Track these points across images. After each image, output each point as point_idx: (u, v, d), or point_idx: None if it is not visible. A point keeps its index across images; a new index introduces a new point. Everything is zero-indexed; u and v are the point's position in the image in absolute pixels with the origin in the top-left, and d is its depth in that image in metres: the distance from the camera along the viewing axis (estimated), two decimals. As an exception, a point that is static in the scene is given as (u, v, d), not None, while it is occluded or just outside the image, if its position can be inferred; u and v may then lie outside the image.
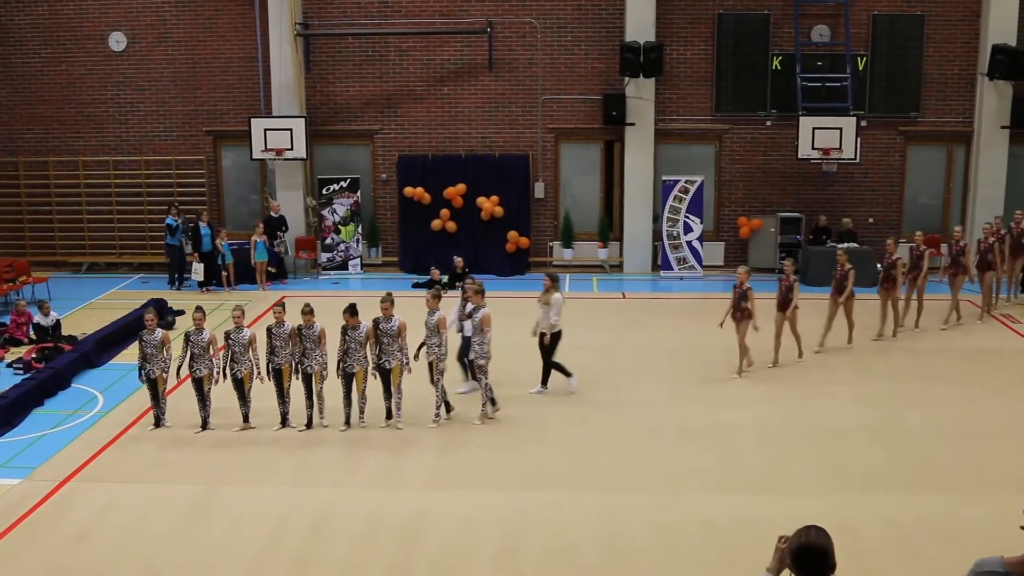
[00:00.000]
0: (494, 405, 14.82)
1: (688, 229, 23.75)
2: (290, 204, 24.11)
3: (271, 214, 23.65)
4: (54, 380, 16.26)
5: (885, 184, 24.27)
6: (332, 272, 24.38)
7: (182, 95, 24.60)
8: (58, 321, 19.05)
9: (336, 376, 14.42)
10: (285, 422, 14.46)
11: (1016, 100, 23.20)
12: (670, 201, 23.66)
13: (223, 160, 25.08)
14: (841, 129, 22.57)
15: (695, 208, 23.66)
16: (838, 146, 22.59)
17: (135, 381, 14.85)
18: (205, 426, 14.39)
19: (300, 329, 14.29)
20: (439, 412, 14.50)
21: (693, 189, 23.63)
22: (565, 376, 15.81)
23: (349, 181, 24.32)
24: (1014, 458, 13.32)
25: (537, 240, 24.66)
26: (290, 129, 23.23)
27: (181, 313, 19.85)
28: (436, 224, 24.17)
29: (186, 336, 14.42)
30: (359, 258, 24.53)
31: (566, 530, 11.35)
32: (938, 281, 20.21)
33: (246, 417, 14.46)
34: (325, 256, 24.52)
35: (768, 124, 24.02)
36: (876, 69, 23.73)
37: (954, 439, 14.03)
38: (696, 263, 23.83)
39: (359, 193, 24.37)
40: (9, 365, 17.42)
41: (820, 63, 23.64)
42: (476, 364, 14.47)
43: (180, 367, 14.51)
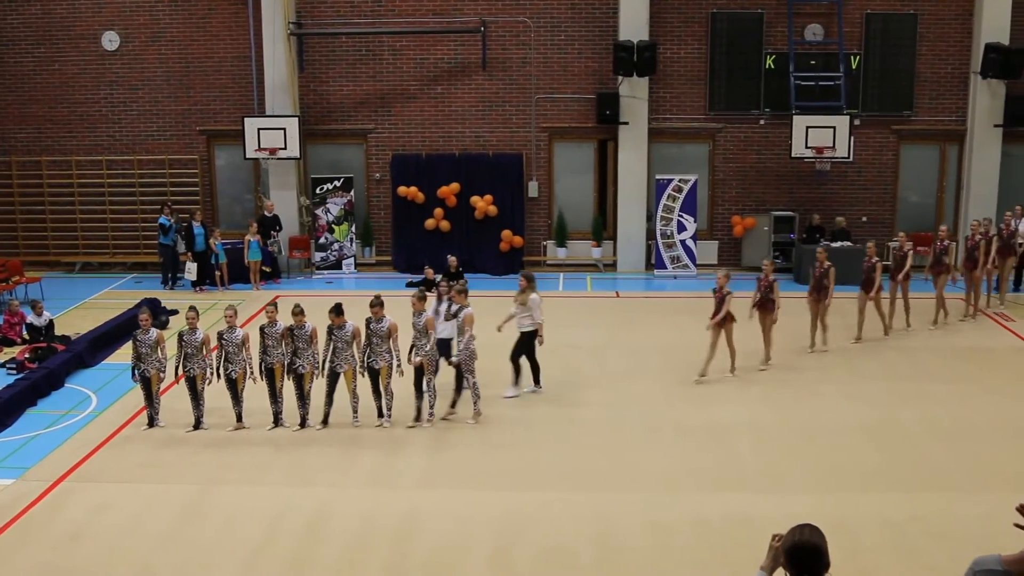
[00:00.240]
0: (452, 407, 14.74)
1: (682, 228, 23.76)
2: (284, 203, 24.07)
3: (265, 213, 23.62)
4: (47, 380, 16.23)
5: (878, 183, 24.31)
6: (326, 272, 24.36)
7: (175, 94, 24.55)
8: (51, 321, 19.00)
9: (322, 376, 14.44)
10: (278, 422, 14.45)
11: (1009, 99, 23.24)
12: (664, 200, 23.67)
13: (216, 159, 25.04)
14: (834, 128, 22.61)
15: (689, 207, 23.67)
16: (831, 145, 22.63)
17: (128, 381, 14.82)
18: (198, 426, 14.38)
19: (292, 329, 14.28)
20: (432, 411, 14.50)
21: (687, 188, 23.64)
22: (514, 379, 15.65)
23: (343, 180, 24.31)
24: (1008, 456, 13.34)
25: (531, 239, 24.66)
26: (283, 128, 23.20)
27: (175, 313, 19.81)
28: (430, 223, 24.16)
29: (180, 336, 14.40)
30: (353, 257, 24.52)
31: (560, 529, 11.36)
32: (924, 279, 20.10)
33: (239, 417, 14.45)
34: (319, 255, 24.50)
35: (761, 123, 24.05)
36: (869, 68, 23.76)
37: (949, 438, 14.05)
38: (690, 262, 23.84)
39: (353, 192, 24.35)
40: (2, 365, 17.37)
41: (813, 62, 23.67)
42: (462, 364, 14.47)
43: (176, 367, 14.49)
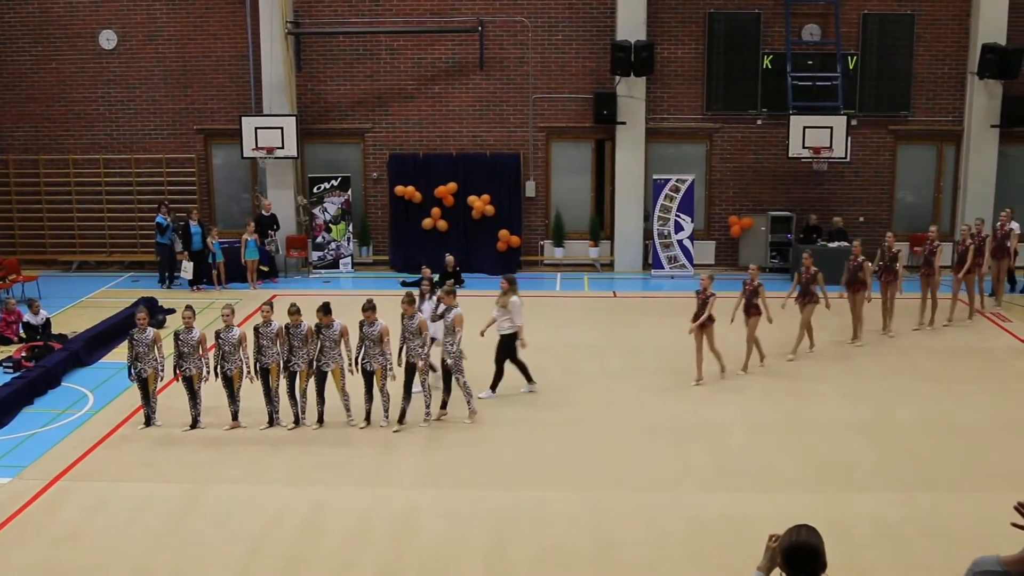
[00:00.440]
0: (443, 408, 14.75)
1: (679, 228, 23.77)
2: (281, 203, 24.06)
3: (262, 212, 23.61)
4: (44, 379, 16.23)
5: (875, 183, 24.33)
6: (323, 271, 24.35)
7: (173, 93, 24.54)
8: (48, 320, 18.99)
9: (312, 376, 14.45)
10: (273, 421, 14.45)
11: (1006, 99, 23.25)
12: (661, 200, 23.68)
13: (214, 158, 25.02)
14: (831, 128, 22.61)
15: (686, 207, 23.68)
16: (828, 145, 22.63)
17: (125, 380, 14.81)
18: (195, 425, 14.39)
19: (287, 328, 14.29)
20: (429, 410, 14.51)
21: (684, 188, 23.65)
22: (492, 384, 15.62)
23: (340, 180, 24.30)
24: (1003, 456, 13.36)
25: (528, 239, 24.66)
26: (281, 127, 23.19)
27: (172, 311, 19.80)
28: (427, 223, 24.15)
29: (176, 335, 14.40)
30: (350, 257, 24.51)
31: (556, 528, 11.37)
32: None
33: (235, 416, 14.46)
34: (316, 255, 24.50)
35: (759, 123, 24.06)
36: (866, 68, 23.78)
37: (944, 437, 14.06)
38: (687, 262, 23.85)
39: (350, 192, 24.35)
40: (-1, 364, 17.39)
41: (811, 62, 23.68)
42: (452, 364, 14.47)
43: (175, 367, 14.47)
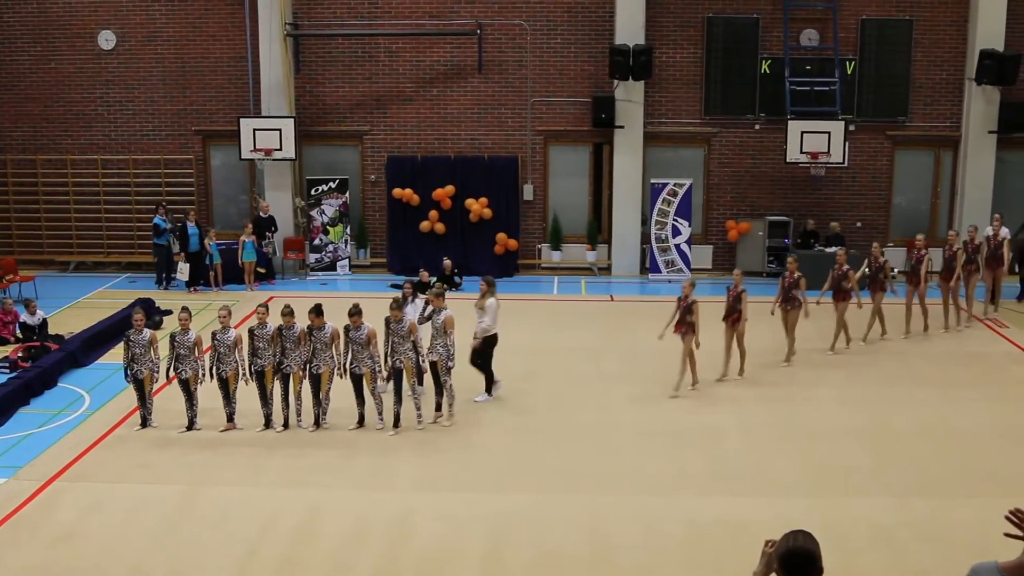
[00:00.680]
0: (438, 411, 14.74)
1: (676, 232, 23.78)
2: (279, 204, 24.07)
3: (260, 214, 23.61)
4: (40, 379, 16.21)
5: (873, 188, 24.35)
6: (320, 273, 24.34)
7: (171, 94, 24.53)
8: (45, 320, 18.97)
9: (305, 377, 14.45)
10: (269, 423, 14.45)
11: (1003, 105, 23.29)
12: (659, 204, 23.69)
13: (212, 160, 25.02)
14: (829, 133, 22.65)
15: (683, 211, 23.69)
16: (826, 150, 22.66)
17: (122, 381, 14.79)
18: (191, 426, 14.37)
19: (280, 330, 14.29)
20: (420, 413, 14.50)
21: (681, 192, 23.66)
22: (487, 387, 15.59)
23: (338, 182, 24.30)
24: (999, 461, 13.36)
25: (526, 242, 24.66)
26: (279, 129, 23.20)
27: (169, 313, 19.79)
28: (425, 225, 24.16)
29: (172, 337, 14.39)
30: (347, 259, 24.51)
31: (552, 531, 11.37)
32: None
33: (230, 417, 14.45)
34: (313, 257, 24.49)
35: (757, 128, 24.09)
36: (864, 73, 23.81)
37: (940, 442, 14.07)
38: (684, 266, 23.85)
39: (348, 194, 24.34)
40: (-5, 364, 17.37)
41: (809, 67, 23.71)
42: (442, 366, 14.46)
43: (168, 368, 14.46)
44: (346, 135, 24.61)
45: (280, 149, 23.23)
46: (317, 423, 14.44)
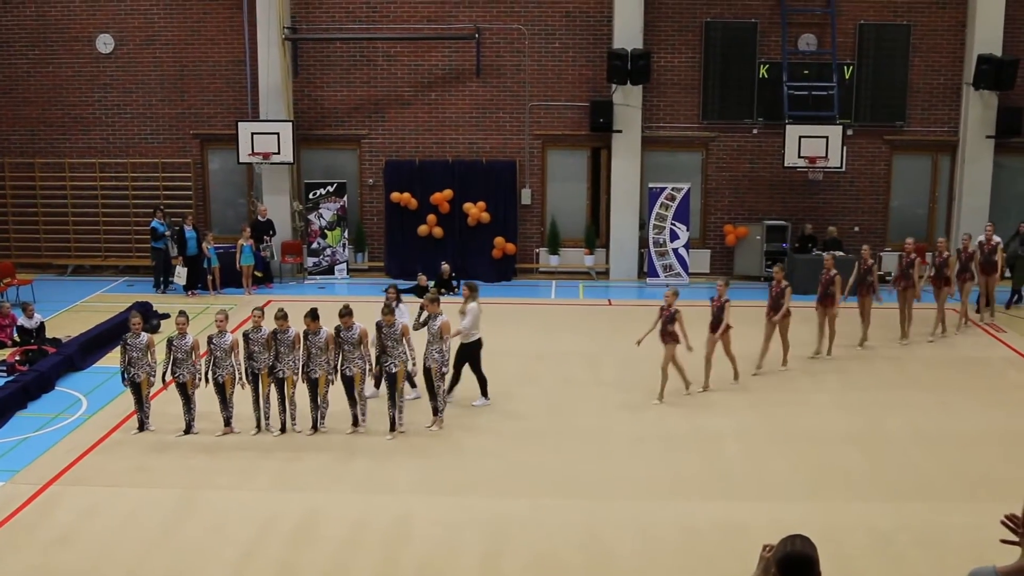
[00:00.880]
0: (436, 415, 14.72)
1: (674, 236, 23.79)
2: (277, 208, 24.07)
3: (258, 218, 23.61)
4: (38, 383, 16.19)
5: (871, 193, 24.37)
6: (318, 277, 24.33)
7: (169, 98, 24.53)
8: (42, 323, 18.94)
9: (302, 381, 14.44)
10: (260, 427, 14.44)
11: (1001, 110, 23.32)
12: (656, 208, 23.70)
13: (210, 163, 25.02)
14: (827, 138, 22.67)
15: (681, 215, 23.70)
16: (824, 155, 22.68)
17: (119, 385, 14.77)
18: (189, 430, 14.36)
19: (275, 333, 14.28)
20: (402, 419, 14.46)
21: (679, 196, 23.67)
22: (483, 391, 15.54)
23: (336, 186, 24.29)
24: (996, 466, 13.36)
25: (524, 246, 24.66)
26: (277, 133, 23.20)
27: (166, 316, 19.76)
28: (423, 229, 24.16)
29: (169, 341, 14.37)
30: (345, 263, 24.50)
31: (549, 536, 11.36)
32: (888, 291, 19.69)
33: (227, 421, 14.44)
34: (311, 260, 24.47)
35: (754, 132, 24.11)
36: (862, 78, 23.84)
37: (938, 446, 14.07)
38: (682, 270, 23.86)
39: (346, 198, 24.34)
40: (-8, 367, 17.35)
41: (807, 72, 23.73)
42: (436, 372, 14.44)
43: (165, 372, 14.44)
44: (344, 139, 24.61)
45: (278, 153, 23.23)
46: (315, 427, 14.43)
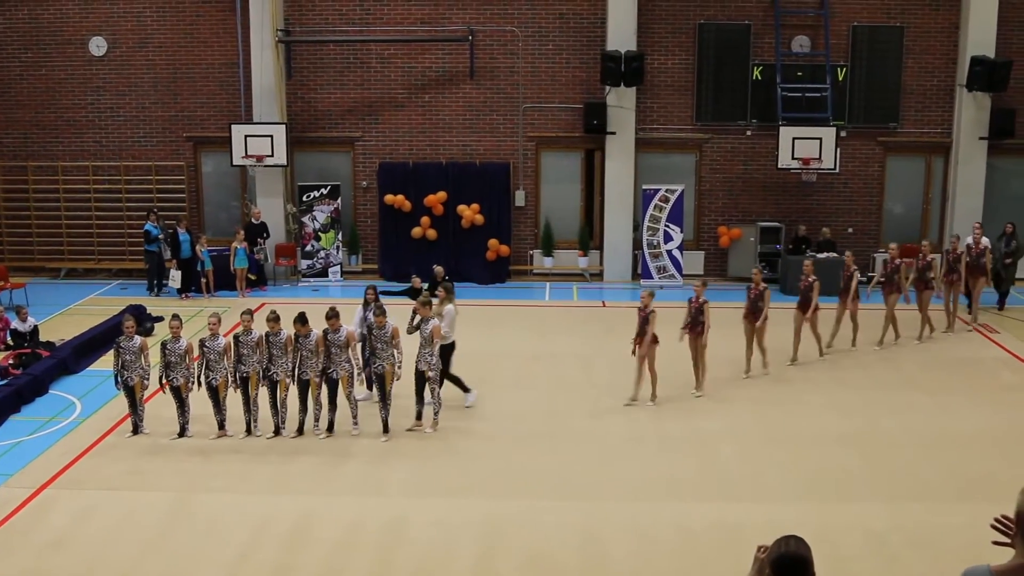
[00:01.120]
0: (418, 420, 14.69)
1: (668, 238, 23.81)
2: (270, 211, 24.03)
3: (252, 220, 23.58)
4: (31, 386, 16.16)
5: (864, 194, 24.40)
6: (312, 279, 24.32)
7: (163, 100, 24.50)
8: (36, 327, 18.91)
9: (294, 384, 14.44)
10: (250, 430, 14.43)
11: (994, 111, 23.36)
12: (650, 210, 23.72)
13: (203, 166, 24.99)
14: (821, 139, 22.69)
15: (675, 217, 23.71)
16: (818, 156, 22.70)
17: (113, 388, 14.74)
18: (183, 433, 14.34)
19: (267, 336, 14.27)
20: (388, 422, 14.46)
21: (673, 198, 23.69)
22: (463, 388, 15.56)
23: (329, 188, 24.28)
24: (992, 466, 13.37)
25: (517, 248, 24.66)
26: (271, 135, 23.18)
27: (160, 319, 19.73)
28: (416, 232, 24.15)
29: (163, 345, 14.35)
30: (339, 265, 24.48)
31: (544, 537, 11.36)
32: (867, 295, 19.53)
33: (221, 424, 14.42)
34: (305, 263, 24.45)
35: (748, 134, 24.13)
36: (856, 80, 23.87)
37: (932, 448, 14.09)
38: (676, 272, 23.88)
39: (339, 200, 24.33)
40: (-14, 371, 17.30)
41: (800, 73, 23.76)
42: (427, 375, 14.43)
43: (160, 377, 14.40)
44: (338, 141, 24.59)
45: (272, 155, 23.21)
46: (300, 430, 14.41)
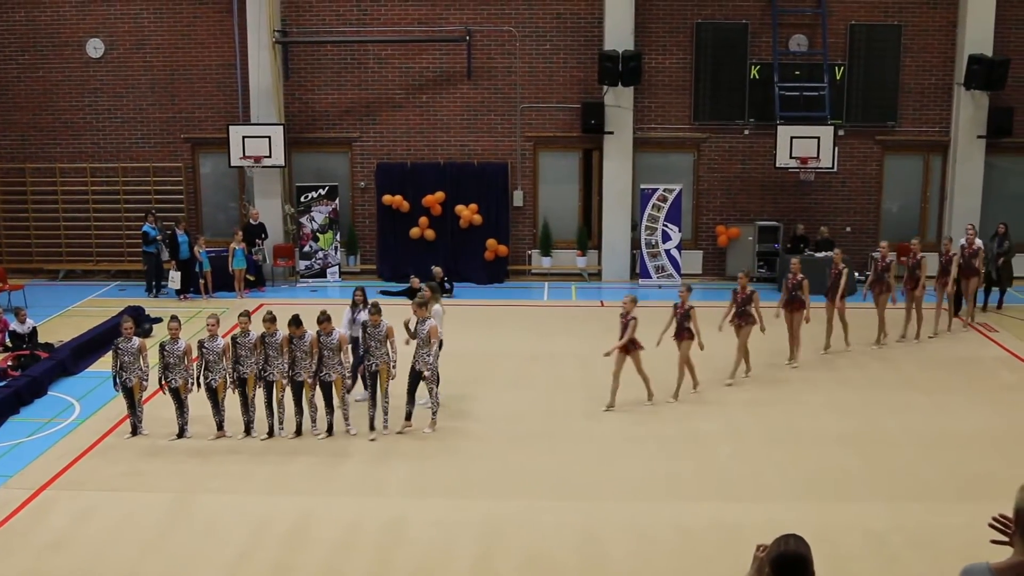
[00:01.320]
0: (407, 420, 14.67)
1: (666, 237, 23.82)
2: (268, 212, 24.03)
3: (250, 221, 23.58)
4: (30, 388, 16.15)
5: (862, 193, 24.41)
6: (310, 280, 24.32)
7: (160, 102, 24.49)
8: (34, 328, 18.90)
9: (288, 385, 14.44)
10: (249, 431, 14.44)
11: (992, 110, 23.36)
12: (648, 210, 23.73)
13: (201, 167, 24.99)
14: (819, 138, 22.69)
15: (673, 216, 23.73)
16: (816, 155, 22.71)
17: (111, 389, 14.74)
18: (182, 434, 14.35)
19: (263, 337, 14.27)
20: (384, 420, 14.48)
21: (671, 198, 23.70)
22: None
23: (327, 189, 24.28)
24: (991, 465, 13.37)
25: (516, 248, 24.66)
26: (268, 136, 23.17)
27: (158, 320, 19.73)
28: (415, 232, 24.15)
29: (161, 346, 14.34)
30: (337, 266, 24.48)
31: (543, 537, 11.36)
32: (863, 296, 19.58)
33: (220, 425, 14.43)
34: (303, 264, 24.45)
35: (746, 133, 24.14)
36: (853, 78, 23.88)
37: (931, 447, 14.10)
38: (674, 271, 23.89)
39: (337, 201, 24.33)
40: (-16, 373, 17.29)
41: (798, 72, 23.76)
42: (424, 376, 14.40)
43: (159, 378, 14.40)
44: (335, 142, 24.59)
45: (269, 156, 23.21)
46: (299, 431, 14.42)
